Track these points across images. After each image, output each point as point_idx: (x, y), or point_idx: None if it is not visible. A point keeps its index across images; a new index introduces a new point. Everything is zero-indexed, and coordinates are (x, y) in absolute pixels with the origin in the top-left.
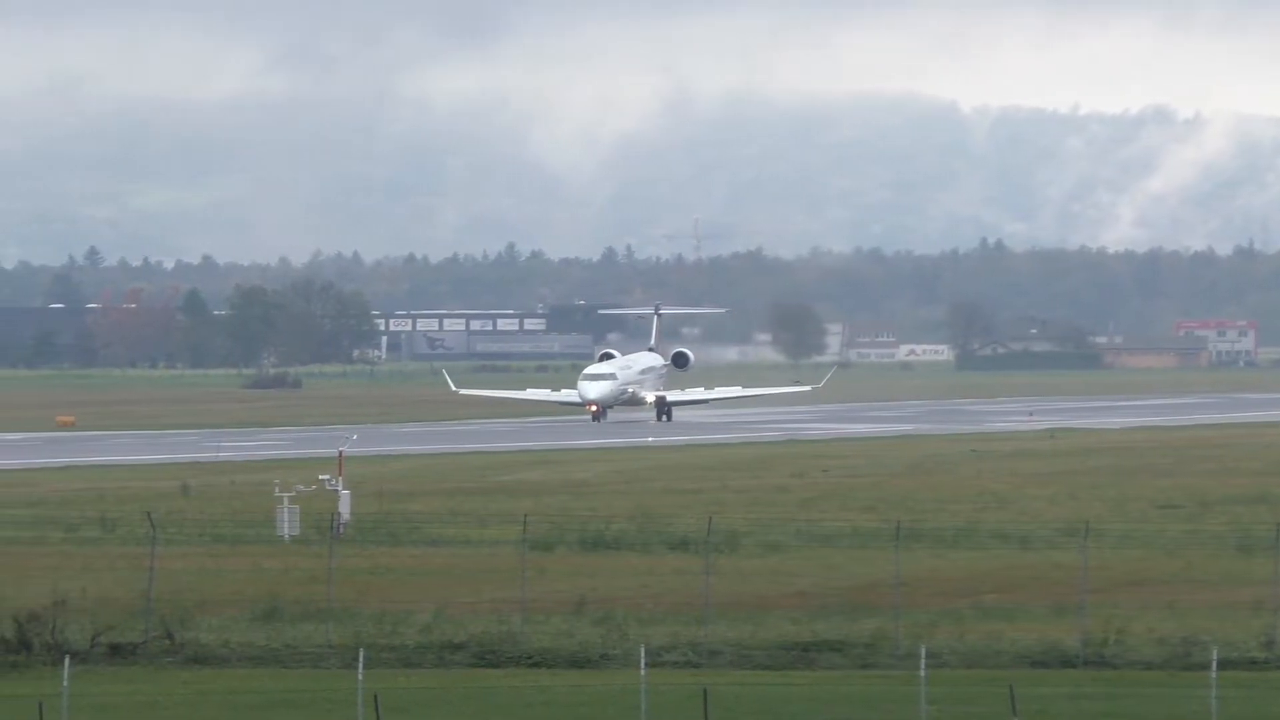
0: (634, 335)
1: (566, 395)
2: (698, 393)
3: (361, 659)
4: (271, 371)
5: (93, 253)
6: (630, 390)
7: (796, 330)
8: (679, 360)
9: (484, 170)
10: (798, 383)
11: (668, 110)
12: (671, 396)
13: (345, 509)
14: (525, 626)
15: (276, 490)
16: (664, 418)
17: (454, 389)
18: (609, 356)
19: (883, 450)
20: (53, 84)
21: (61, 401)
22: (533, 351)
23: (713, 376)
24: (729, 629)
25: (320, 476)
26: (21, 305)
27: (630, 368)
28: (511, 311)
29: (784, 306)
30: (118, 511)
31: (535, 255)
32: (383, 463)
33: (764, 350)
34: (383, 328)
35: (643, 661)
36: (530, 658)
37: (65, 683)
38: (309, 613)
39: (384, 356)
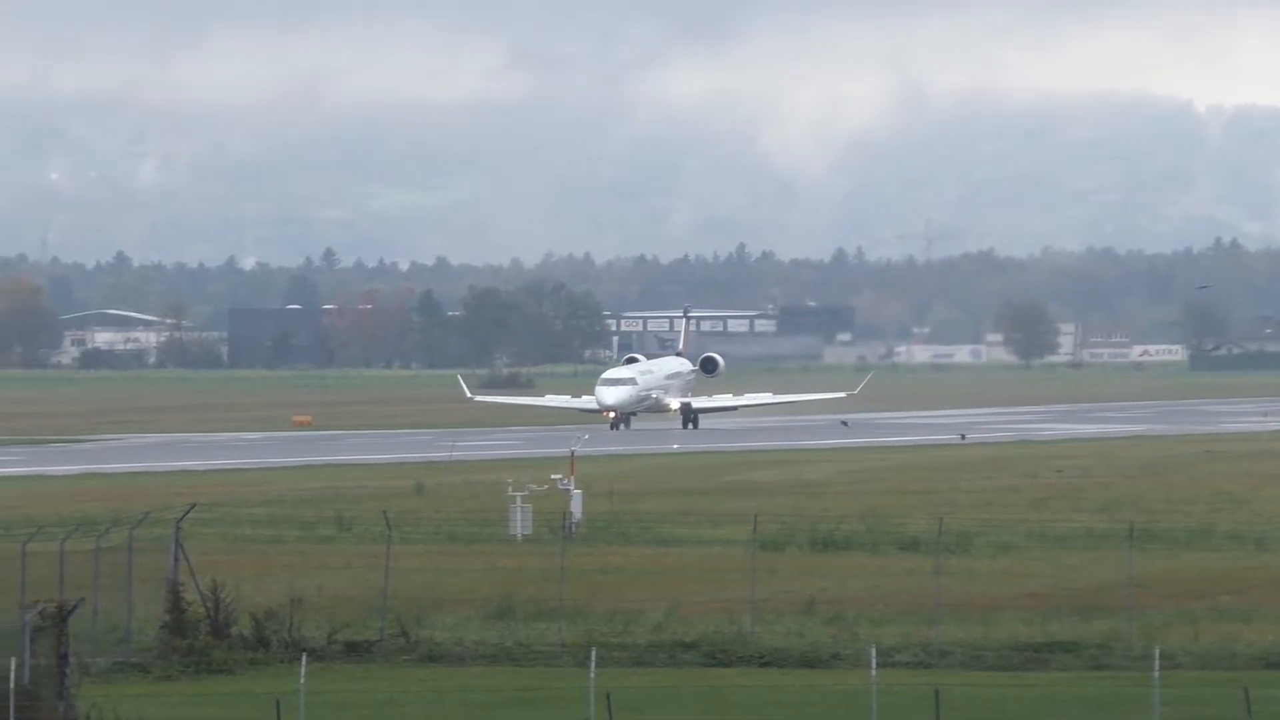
0: (865, 335)
1: (587, 402)
2: (725, 399)
3: (594, 658)
4: (504, 372)
5: (329, 254)
6: (654, 396)
7: (1028, 330)
8: (708, 366)
9: (715, 170)
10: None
11: (900, 109)
12: (698, 403)
13: (577, 508)
14: (756, 626)
15: (509, 490)
16: (690, 425)
17: (468, 395)
18: (633, 361)
19: (1115, 451)
20: (292, 87)
21: (298, 401)
22: (762, 353)
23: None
24: (960, 630)
25: (552, 476)
26: (260, 306)
27: (652, 372)
28: (741, 312)
29: (1015, 306)
30: (353, 510)
31: (765, 256)
32: (614, 462)
33: (996, 350)
34: (614, 328)
35: (873, 662)
36: (761, 657)
37: (302, 680)
38: (542, 611)
39: (615, 357)
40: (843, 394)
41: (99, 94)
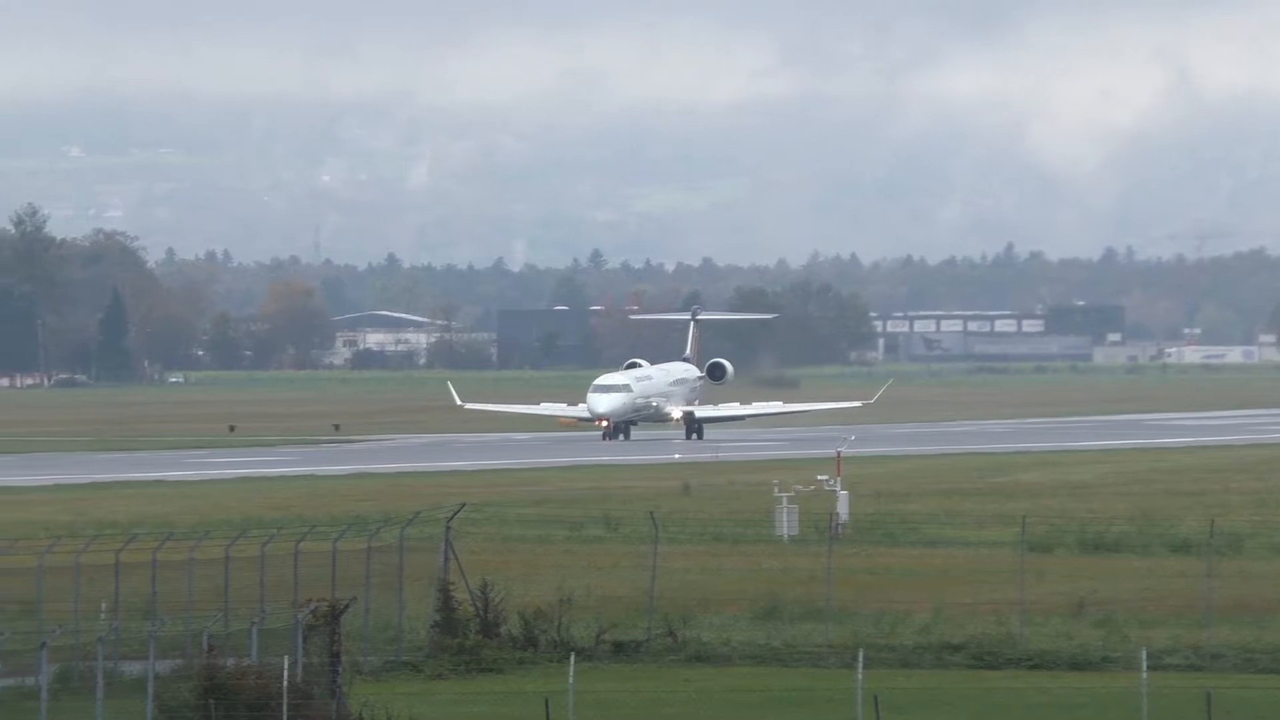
0: (1135, 336)
1: (581, 410)
2: (732, 408)
3: (861, 659)
4: (769, 374)
5: (596, 255)
6: (654, 404)
7: None
8: (714, 372)
9: (984, 169)
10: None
11: (1172, 105)
12: (701, 412)
13: (843, 509)
14: (1024, 628)
15: (775, 490)
16: (694, 435)
17: (459, 402)
18: (635, 365)
19: None
20: (563, 88)
21: (567, 402)
22: (1030, 353)
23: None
24: (1232, 632)
25: (818, 477)
26: (528, 307)
27: (651, 379)
28: (1009, 312)
29: None
30: (621, 510)
31: (1034, 256)
32: (880, 463)
33: (1269, 351)
34: (880, 329)
35: (1144, 664)
36: (1029, 659)
37: (571, 679)
38: (808, 612)
39: (881, 358)
40: (858, 403)
41: (372, 97)
